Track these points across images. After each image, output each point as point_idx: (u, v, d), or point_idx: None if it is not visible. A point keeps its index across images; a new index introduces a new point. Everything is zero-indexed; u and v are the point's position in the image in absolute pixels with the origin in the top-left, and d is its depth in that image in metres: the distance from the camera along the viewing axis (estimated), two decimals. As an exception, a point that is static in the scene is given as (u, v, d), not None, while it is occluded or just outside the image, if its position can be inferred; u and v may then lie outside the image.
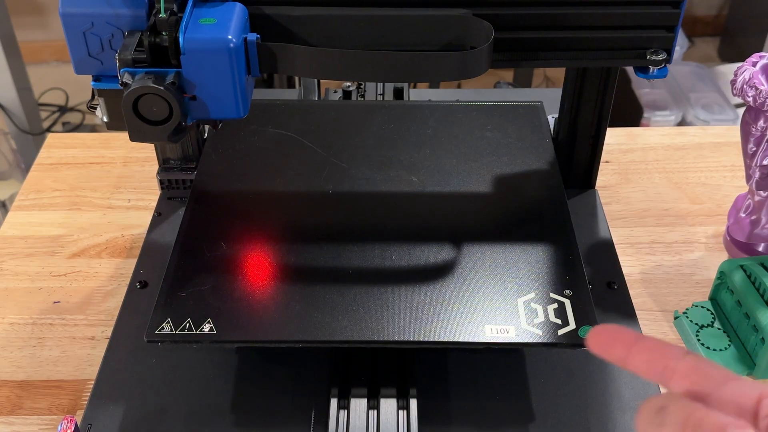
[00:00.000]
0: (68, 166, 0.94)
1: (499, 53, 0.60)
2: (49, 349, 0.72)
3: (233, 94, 0.53)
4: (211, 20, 0.52)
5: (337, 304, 0.60)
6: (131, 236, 0.84)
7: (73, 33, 0.53)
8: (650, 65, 0.62)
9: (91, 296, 0.77)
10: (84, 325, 0.74)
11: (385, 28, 0.58)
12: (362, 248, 0.65)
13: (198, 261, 0.64)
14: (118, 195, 0.90)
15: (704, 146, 0.96)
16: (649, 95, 1.84)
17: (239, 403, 0.63)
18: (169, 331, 0.58)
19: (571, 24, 0.61)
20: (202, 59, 0.52)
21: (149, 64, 0.52)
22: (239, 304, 0.60)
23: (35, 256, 0.82)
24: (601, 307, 0.70)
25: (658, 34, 0.61)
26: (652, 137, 0.98)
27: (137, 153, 0.95)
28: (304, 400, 0.63)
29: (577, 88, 0.76)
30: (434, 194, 0.72)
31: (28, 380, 0.69)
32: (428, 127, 0.80)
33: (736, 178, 0.91)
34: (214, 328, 0.58)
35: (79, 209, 0.88)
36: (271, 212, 0.71)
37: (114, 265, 0.80)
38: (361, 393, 0.62)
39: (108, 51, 0.54)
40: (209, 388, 0.64)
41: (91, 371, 0.69)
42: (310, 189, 0.73)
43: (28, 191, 0.91)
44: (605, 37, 0.61)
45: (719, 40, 2.65)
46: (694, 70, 1.94)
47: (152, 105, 0.50)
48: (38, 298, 0.77)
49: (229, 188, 0.73)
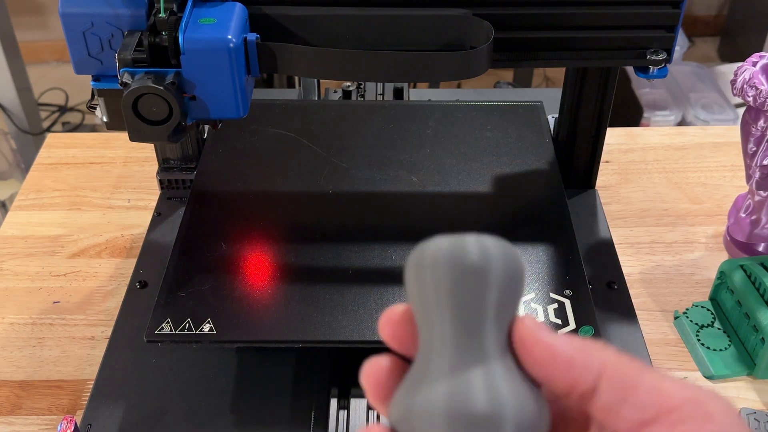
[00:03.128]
0: (68, 166, 0.94)
1: (499, 53, 0.60)
2: (49, 349, 0.71)
3: (233, 94, 0.53)
4: (211, 20, 0.52)
5: (337, 304, 0.60)
6: (131, 236, 0.83)
7: (72, 33, 0.53)
8: (650, 65, 0.62)
9: (91, 296, 0.77)
10: (84, 325, 0.74)
11: (385, 28, 0.58)
12: (362, 248, 0.65)
13: (198, 261, 0.64)
14: (118, 195, 0.90)
15: (704, 146, 0.96)
16: (649, 95, 1.84)
17: (239, 403, 0.63)
18: (168, 331, 0.58)
19: (571, 24, 0.61)
20: (202, 59, 0.51)
21: (149, 64, 0.52)
22: (239, 304, 0.60)
23: (35, 256, 0.82)
24: (601, 307, 0.70)
25: (658, 34, 0.61)
26: (652, 137, 0.98)
27: (137, 153, 0.95)
28: (304, 401, 0.63)
29: (577, 88, 0.76)
30: (434, 194, 0.72)
31: (27, 380, 0.69)
32: (428, 127, 0.80)
33: (736, 178, 0.91)
34: (213, 328, 0.58)
35: (79, 209, 0.88)
36: (270, 212, 0.71)
37: (114, 265, 0.80)
38: (361, 393, 0.61)
39: (108, 51, 0.54)
40: (209, 388, 0.64)
41: (90, 371, 0.69)
42: (310, 189, 0.73)
43: (27, 191, 0.91)
44: (605, 36, 0.61)
45: (719, 40, 2.65)
46: (694, 70, 1.94)
47: (152, 105, 0.50)
48: (38, 298, 0.77)
49: (229, 188, 0.73)
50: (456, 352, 0.28)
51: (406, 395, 0.29)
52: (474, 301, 0.28)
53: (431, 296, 0.29)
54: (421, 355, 0.29)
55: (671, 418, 0.27)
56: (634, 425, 0.27)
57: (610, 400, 0.28)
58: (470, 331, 0.28)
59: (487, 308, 0.28)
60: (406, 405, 0.28)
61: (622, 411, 0.27)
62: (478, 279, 0.28)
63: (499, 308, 0.28)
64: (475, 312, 0.28)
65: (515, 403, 0.28)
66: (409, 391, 0.29)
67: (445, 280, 0.28)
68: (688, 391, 0.27)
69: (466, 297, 0.28)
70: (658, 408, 0.27)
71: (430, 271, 0.28)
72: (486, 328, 0.28)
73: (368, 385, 0.30)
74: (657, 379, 0.28)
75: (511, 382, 0.28)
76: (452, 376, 0.28)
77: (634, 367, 0.28)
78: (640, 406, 0.27)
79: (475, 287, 0.28)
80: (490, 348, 0.28)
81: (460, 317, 0.28)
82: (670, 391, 0.27)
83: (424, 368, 0.29)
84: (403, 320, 0.30)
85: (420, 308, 0.29)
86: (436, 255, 0.29)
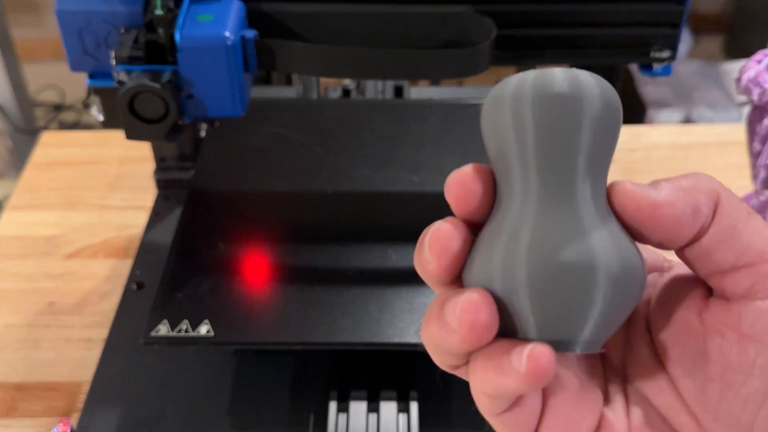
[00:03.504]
0: (64, 165, 0.93)
1: (501, 50, 0.59)
2: (45, 351, 0.71)
3: (230, 92, 0.53)
4: (208, 17, 0.52)
5: (337, 305, 0.60)
6: (127, 236, 0.83)
7: (68, 30, 0.53)
8: (654, 63, 0.62)
9: (87, 297, 0.76)
10: (80, 327, 0.73)
11: (386, 25, 0.57)
12: (362, 248, 0.65)
13: (195, 261, 0.64)
14: (115, 195, 0.89)
15: (709, 145, 0.96)
16: (653, 93, 1.83)
17: (237, 405, 0.62)
18: (165, 333, 0.57)
19: (573, 21, 0.60)
20: (199, 57, 0.51)
21: (145, 62, 0.51)
22: (237, 305, 0.60)
23: (30, 257, 0.81)
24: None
25: (662, 31, 0.61)
26: (657, 136, 0.97)
27: (134, 152, 0.95)
28: (303, 403, 0.62)
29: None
30: (435, 194, 0.71)
31: (23, 382, 0.68)
32: (429, 125, 0.79)
33: (742, 178, 0.90)
34: (211, 330, 0.58)
35: (74, 209, 0.87)
36: (269, 212, 0.70)
37: (110, 265, 0.79)
38: (361, 396, 0.61)
39: (104, 48, 0.54)
40: (207, 390, 0.64)
41: (87, 373, 0.68)
42: (309, 188, 0.72)
43: (22, 191, 0.90)
44: (609, 33, 0.61)
45: (724, 37, 2.64)
46: (698, 68, 1.93)
47: (148, 103, 0.50)
48: (33, 299, 0.76)
49: (227, 187, 0.73)
50: (542, 201, 0.25)
51: (485, 252, 0.25)
52: (565, 140, 0.24)
53: (513, 137, 0.25)
54: (499, 212, 0.26)
55: (764, 268, 0.25)
56: (725, 269, 0.26)
57: (711, 243, 0.26)
58: (559, 177, 0.25)
59: (580, 149, 0.25)
60: (485, 261, 0.25)
61: (716, 253, 0.26)
62: (570, 112, 0.24)
63: (594, 150, 0.25)
64: (566, 153, 0.24)
65: (611, 253, 0.25)
66: (488, 248, 0.25)
67: (531, 114, 0.24)
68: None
69: (556, 135, 0.24)
70: (756, 254, 0.25)
71: (511, 105, 0.25)
72: (578, 174, 0.25)
73: (434, 251, 0.27)
74: (762, 226, 0.26)
75: (604, 231, 0.25)
76: (537, 225, 0.25)
77: (743, 210, 0.26)
78: (739, 250, 0.26)
79: (567, 123, 0.24)
80: (582, 196, 0.25)
81: (547, 160, 0.25)
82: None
83: (503, 224, 0.25)
84: (474, 178, 0.27)
85: (499, 154, 0.26)
86: (520, 85, 0.25)
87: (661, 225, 0.26)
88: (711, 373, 0.26)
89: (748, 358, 0.25)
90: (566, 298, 0.24)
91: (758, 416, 0.25)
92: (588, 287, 0.24)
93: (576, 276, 0.24)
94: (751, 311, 0.25)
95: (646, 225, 0.26)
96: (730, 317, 0.26)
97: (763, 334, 0.25)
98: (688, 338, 0.27)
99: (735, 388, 0.26)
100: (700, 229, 0.26)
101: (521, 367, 0.24)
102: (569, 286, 0.24)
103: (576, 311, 0.25)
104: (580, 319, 0.25)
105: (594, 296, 0.25)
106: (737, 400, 0.26)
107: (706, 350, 0.27)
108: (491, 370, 0.25)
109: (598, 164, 0.25)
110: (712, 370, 0.26)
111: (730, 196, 0.27)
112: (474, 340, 0.25)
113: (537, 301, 0.25)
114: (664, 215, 0.26)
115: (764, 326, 0.25)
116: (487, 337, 0.25)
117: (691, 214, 0.26)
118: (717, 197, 0.27)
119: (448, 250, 0.27)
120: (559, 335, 0.25)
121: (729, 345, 0.26)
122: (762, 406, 0.25)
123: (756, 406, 0.25)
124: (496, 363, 0.25)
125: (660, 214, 0.26)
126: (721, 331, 0.26)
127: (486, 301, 0.25)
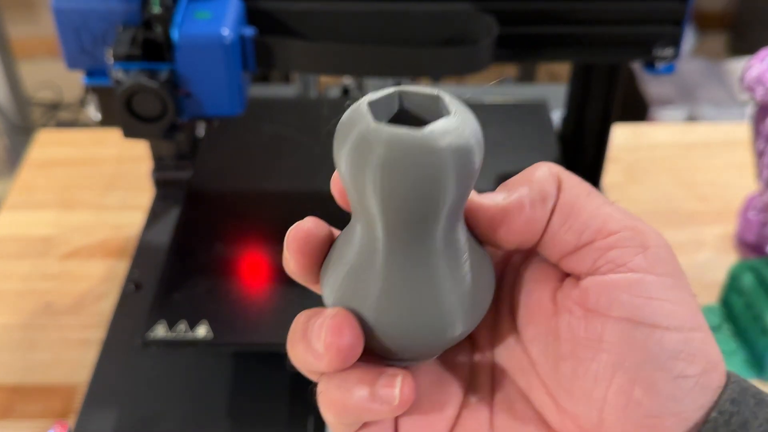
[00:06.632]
0: (60, 164, 0.93)
1: (502, 48, 0.59)
2: (42, 352, 0.70)
3: (229, 90, 0.52)
4: (206, 15, 0.52)
5: (337, 306, 0.59)
6: (125, 236, 0.82)
7: (65, 28, 0.53)
8: (657, 60, 0.61)
9: (84, 298, 0.75)
10: (77, 328, 0.72)
11: (386, 22, 0.57)
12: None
13: (193, 262, 0.63)
14: (112, 194, 0.88)
15: (713, 144, 0.95)
16: (656, 91, 1.82)
17: (235, 407, 0.62)
18: (163, 334, 0.57)
19: (576, 18, 0.60)
20: (197, 55, 0.51)
21: (143, 60, 0.51)
22: (235, 305, 0.59)
23: (26, 257, 0.80)
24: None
25: (665, 29, 0.60)
26: (660, 135, 0.97)
27: (131, 151, 0.94)
28: (302, 405, 0.62)
29: (583, 84, 0.75)
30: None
31: (19, 384, 0.68)
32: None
33: (746, 177, 0.89)
34: (210, 331, 0.57)
35: (71, 209, 0.86)
36: (268, 212, 0.70)
37: (107, 266, 0.79)
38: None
39: (101, 46, 0.53)
40: (205, 392, 0.63)
41: (84, 375, 0.68)
42: (309, 188, 0.72)
43: (18, 190, 0.89)
44: (611, 31, 0.60)
45: (728, 35, 2.63)
46: (702, 66, 1.91)
47: (146, 102, 0.50)
48: (30, 300, 0.75)
49: (225, 187, 0.73)
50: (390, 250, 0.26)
51: (338, 270, 0.27)
52: (423, 208, 0.25)
53: (352, 184, 0.26)
54: (353, 231, 0.27)
55: (606, 242, 0.26)
56: (570, 249, 0.26)
57: (554, 225, 0.27)
58: (407, 231, 0.25)
59: (439, 212, 0.25)
60: (338, 281, 0.27)
61: (558, 235, 0.27)
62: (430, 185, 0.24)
63: (452, 205, 0.25)
64: (422, 217, 0.25)
65: (457, 310, 0.26)
66: (341, 269, 0.27)
67: (372, 176, 0.24)
68: (629, 221, 0.27)
69: (398, 195, 0.24)
70: (595, 231, 0.26)
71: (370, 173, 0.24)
72: (428, 223, 0.25)
73: (291, 250, 0.28)
74: (600, 204, 0.27)
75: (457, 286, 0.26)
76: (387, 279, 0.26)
77: (583, 190, 0.27)
78: (578, 229, 0.26)
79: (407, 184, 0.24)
80: (431, 243, 0.25)
81: (395, 217, 0.25)
82: (612, 217, 0.26)
83: (354, 250, 0.27)
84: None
85: (346, 185, 0.27)
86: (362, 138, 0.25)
87: (514, 226, 0.27)
88: (563, 351, 0.27)
89: (595, 333, 0.26)
90: (418, 345, 0.26)
91: (609, 391, 0.25)
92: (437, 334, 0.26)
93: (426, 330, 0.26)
94: (594, 286, 0.26)
95: (500, 230, 0.27)
96: (577, 294, 0.26)
97: (607, 308, 0.25)
98: (542, 318, 0.28)
99: (585, 364, 0.26)
100: (551, 214, 0.27)
101: (394, 400, 0.26)
102: (420, 335, 0.26)
103: (431, 350, 0.27)
104: (434, 350, 0.28)
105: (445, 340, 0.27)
106: (588, 376, 0.26)
107: (557, 328, 0.27)
108: (354, 396, 0.26)
109: (443, 210, 0.25)
110: (563, 347, 0.27)
111: (571, 177, 0.27)
112: (340, 363, 0.26)
113: (391, 344, 0.26)
114: (515, 217, 0.27)
115: (608, 300, 0.25)
116: (353, 358, 0.26)
117: (540, 202, 0.27)
118: (558, 180, 0.27)
119: (306, 249, 0.28)
120: (419, 358, 0.28)
121: (577, 321, 0.26)
122: (612, 380, 0.25)
123: (606, 381, 0.25)
124: (367, 390, 0.26)
125: (511, 217, 0.27)
126: (569, 308, 0.27)
127: (348, 323, 0.26)
